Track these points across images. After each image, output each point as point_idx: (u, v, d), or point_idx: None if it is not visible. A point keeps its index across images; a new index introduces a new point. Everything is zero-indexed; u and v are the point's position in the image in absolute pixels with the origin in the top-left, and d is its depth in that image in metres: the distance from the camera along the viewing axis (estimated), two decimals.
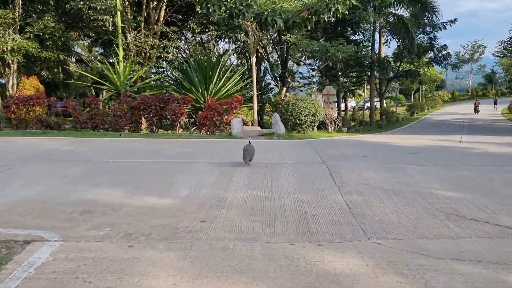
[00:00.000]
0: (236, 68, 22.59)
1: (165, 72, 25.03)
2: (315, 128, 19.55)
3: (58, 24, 22.68)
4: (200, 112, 18.26)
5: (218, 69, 20.21)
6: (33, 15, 23.57)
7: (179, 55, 28.42)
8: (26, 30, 21.60)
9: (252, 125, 19.24)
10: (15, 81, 22.65)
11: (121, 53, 19.39)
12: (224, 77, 20.27)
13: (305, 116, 16.98)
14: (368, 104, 36.58)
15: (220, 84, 19.95)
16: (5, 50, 21.24)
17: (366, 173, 7.99)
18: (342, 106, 36.72)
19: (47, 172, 7.74)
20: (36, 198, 5.90)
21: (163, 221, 4.92)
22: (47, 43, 22.11)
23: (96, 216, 5.06)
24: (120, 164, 8.84)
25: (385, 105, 38.74)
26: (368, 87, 35.77)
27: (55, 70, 29.26)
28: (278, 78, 34.28)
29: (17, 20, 21.88)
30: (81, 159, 9.27)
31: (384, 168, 8.58)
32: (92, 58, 29.93)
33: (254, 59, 18.63)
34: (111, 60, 22.70)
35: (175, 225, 4.80)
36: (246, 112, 20.92)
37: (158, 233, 4.51)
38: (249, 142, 9.14)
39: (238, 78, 21.07)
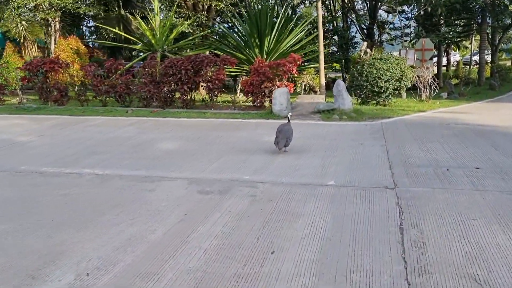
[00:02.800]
0: (303, 19, 17.87)
1: (215, 26, 21.08)
2: (404, 94, 14.64)
3: None
4: (244, 77, 14.36)
5: (279, 21, 15.87)
6: None
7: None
8: None
9: (317, 92, 14.93)
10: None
11: (156, 3, 15.77)
12: (286, 30, 15.88)
13: (385, 81, 12.21)
14: (476, 58, 29.67)
15: (279, 39, 15.65)
16: (44, 8, 18.82)
17: (489, 238, 3.61)
18: (444, 60, 30.26)
19: None
20: None
21: None
22: None
23: None
24: (33, 187, 5.38)
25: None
26: (478, 37, 28.62)
27: (116, 28, 26.78)
28: (365, 31, 28.83)
29: None
30: None
31: None
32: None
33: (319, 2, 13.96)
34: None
35: None
36: (313, 75, 16.48)
37: None
38: (288, 120, 6.83)
39: (304, 30, 16.56)
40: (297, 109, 10.99)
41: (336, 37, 26.99)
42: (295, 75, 13.17)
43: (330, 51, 25.21)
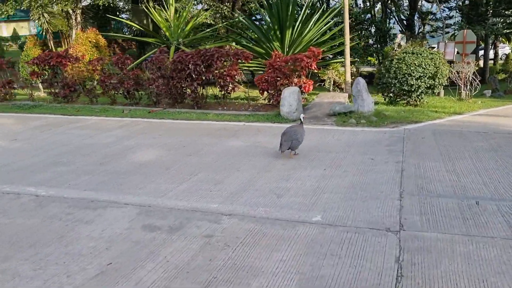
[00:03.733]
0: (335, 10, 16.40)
1: (236, 18, 19.93)
2: (442, 92, 13.05)
3: None
4: (261, 73, 13.22)
5: (303, 11, 14.55)
6: None
7: None
8: None
9: (343, 90, 13.55)
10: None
11: None
12: (310, 21, 14.53)
13: (417, 79, 10.69)
14: None
15: (302, 31, 14.33)
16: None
17: None
18: (491, 53, 27.85)
19: None
20: None
21: None
22: None
23: None
24: None
25: None
26: None
27: (144, 21, 26.13)
28: (404, 22, 26.85)
29: None
30: None
31: None
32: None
33: None
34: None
35: None
36: (339, 70, 15.05)
37: None
38: (301, 122, 6.13)
39: (330, 22, 15.15)
40: (312, 110, 9.73)
41: (372, 29, 25.26)
42: (316, 70, 11.83)
43: (365, 43, 23.55)
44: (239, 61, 11.97)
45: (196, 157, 6.08)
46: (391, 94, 11.27)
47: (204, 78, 11.66)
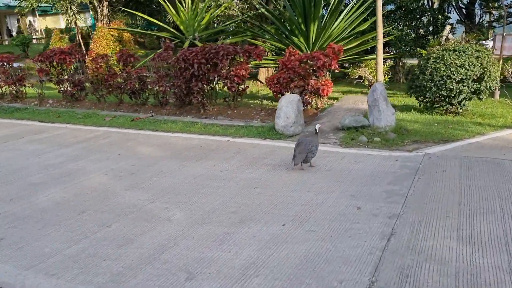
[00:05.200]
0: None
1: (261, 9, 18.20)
2: (498, 93, 10.92)
3: None
4: (263, 73, 11.74)
5: (332, 2, 12.75)
6: None
7: None
8: None
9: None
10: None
11: None
12: (337, 12, 12.69)
13: (458, 82, 8.70)
14: None
15: (330, 24, 12.55)
16: None
17: None
18: None
19: None
20: None
21: None
22: None
23: None
24: None
25: None
26: None
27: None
28: (463, 10, 23.96)
29: None
30: None
31: None
32: None
33: None
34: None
35: None
36: (372, 68, 13.11)
37: None
38: (316, 132, 5.54)
39: (364, 12, 13.21)
40: (322, 121, 8.09)
41: (424, 18, 22.67)
42: (337, 70, 10.10)
43: (416, 34, 21.11)
44: (251, 59, 10.51)
45: (133, 193, 4.73)
46: (426, 100, 9.34)
47: (211, 78, 10.30)
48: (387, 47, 15.08)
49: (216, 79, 10.37)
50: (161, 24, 14.62)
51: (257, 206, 4.26)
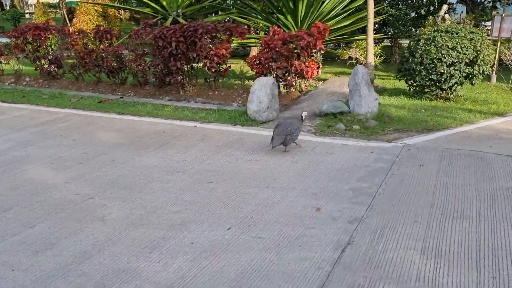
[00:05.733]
0: None
1: None
2: (494, 77, 10.32)
3: None
4: (255, 52, 11.18)
5: None
6: None
7: None
8: None
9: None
10: None
11: None
12: None
13: (449, 65, 8.13)
14: None
15: (320, 1, 11.88)
16: None
17: None
18: None
19: None
20: None
21: None
22: None
23: None
24: None
25: None
26: None
27: None
28: None
29: None
30: None
31: None
32: None
33: None
34: None
35: None
36: (364, 49, 12.47)
37: None
38: (302, 119, 5.27)
39: None
40: (301, 106, 7.57)
41: None
42: (322, 51, 9.53)
43: (415, 15, 20.33)
44: (233, 38, 9.94)
45: (73, 186, 4.26)
46: (415, 84, 8.78)
47: (190, 57, 9.72)
48: (385, 27, 14.41)
49: (195, 58, 9.79)
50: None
51: (205, 205, 3.80)
